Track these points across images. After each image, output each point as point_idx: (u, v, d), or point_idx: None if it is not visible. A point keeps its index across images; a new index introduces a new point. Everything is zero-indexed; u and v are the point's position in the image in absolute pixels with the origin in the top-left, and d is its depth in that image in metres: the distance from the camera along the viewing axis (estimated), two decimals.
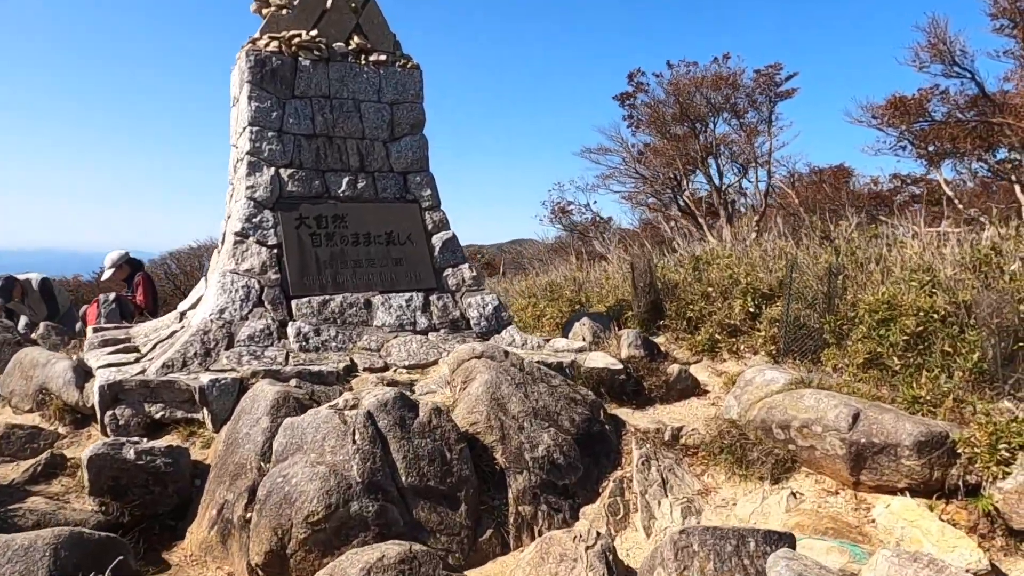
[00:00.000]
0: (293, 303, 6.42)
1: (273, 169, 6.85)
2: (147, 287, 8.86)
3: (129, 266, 9.19)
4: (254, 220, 6.65)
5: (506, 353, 5.76)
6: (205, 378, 5.22)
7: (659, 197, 16.78)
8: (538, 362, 6.19)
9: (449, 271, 7.29)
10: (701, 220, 16.16)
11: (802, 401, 5.30)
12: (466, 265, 7.40)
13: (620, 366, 6.66)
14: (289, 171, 6.89)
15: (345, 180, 7.12)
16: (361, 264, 6.89)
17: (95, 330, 7.59)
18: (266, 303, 6.32)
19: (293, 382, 5.40)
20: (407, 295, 6.90)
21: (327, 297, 6.56)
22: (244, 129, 6.90)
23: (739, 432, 5.63)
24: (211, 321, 6.01)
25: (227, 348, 5.84)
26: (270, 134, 6.89)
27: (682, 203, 17.44)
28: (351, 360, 6.07)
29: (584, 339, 7.81)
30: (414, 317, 6.79)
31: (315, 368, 5.65)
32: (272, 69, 6.95)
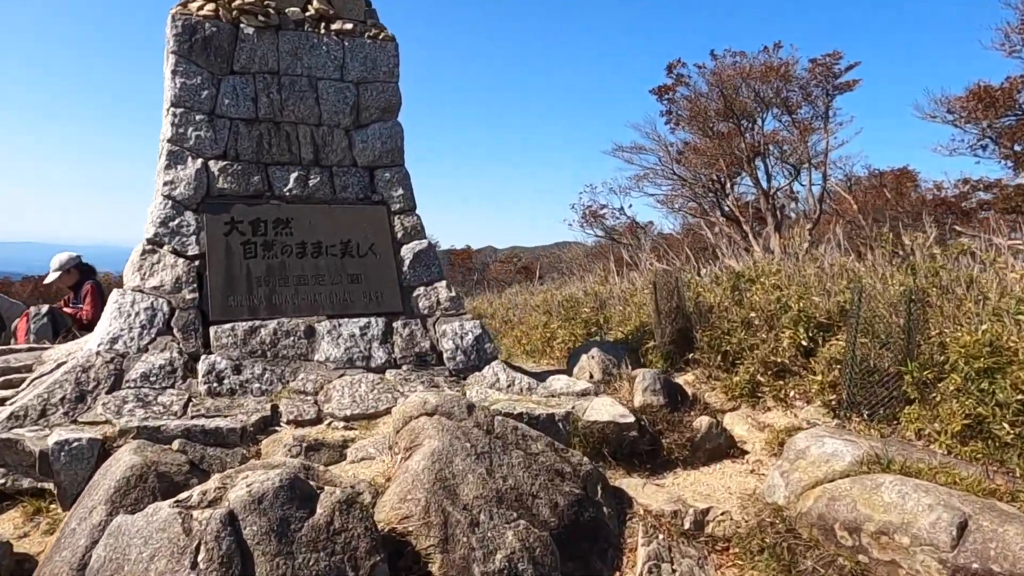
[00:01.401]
0: (212, 331, 5.04)
1: (200, 161, 5.49)
2: (96, 299, 7.61)
3: (78, 271, 7.96)
4: (171, 224, 5.30)
5: (470, 408, 4.28)
6: (52, 438, 3.86)
7: (699, 201, 15.11)
8: (521, 415, 4.72)
9: (421, 291, 5.84)
10: (746, 227, 14.43)
11: (880, 494, 3.71)
12: (442, 284, 5.94)
13: (631, 418, 5.13)
14: (221, 164, 5.53)
15: (293, 176, 5.73)
16: (306, 281, 5.48)
17: (0, 351, 6.35)
18: (175, 330, 4.95)
19: (176, 443, 4.00)
20: (363, 321, 5.47)
21: (257, 323, 5.17)
22: (167, 111, 5.57)
23: (786, 527, 4.07)
24: (96, 354, 4.66)
25: (110, 391, 4.48)
26: (198, 117, 5.54)
27: (726, 208, 15.73)
28: (274, 408, 4.66)
29: (591, 376, 6.29)
30: (369, 350, 5.35)
31: (214, 423, 4.25)
32: (204, 38, 5.60)
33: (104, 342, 4.75)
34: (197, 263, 5.26)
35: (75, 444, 3.83)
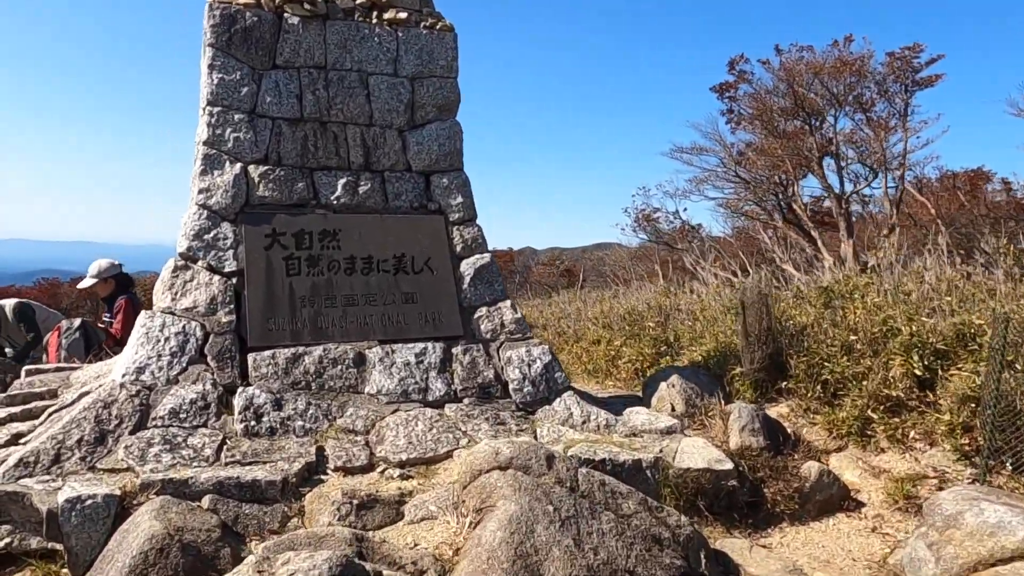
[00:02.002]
0: (251, 359, 4.44)
1: (239, 166, 4.90)
2: (128, 315, 7.11)
3: (115, 282, 7.48)
4: (206, 237, 4.72)
5: (549, 459, 3.60)
6: (63, 494, 3.28)
7: (762, 204, 14.21)
8: (604, 461, 4.03)
9: (483, 312, 5.17)
10: (814, 233, 13.48)
11: None
12: (507, 303, 5.27)
13: (729, 464, 4.41)
14: (262, 169, 4.94)
15: (342, 182, 5.12)
16: (355, 301, 4.86)
17: (27, 372, 5.87)
18: (209, 358, 4.36)
19: (207, 501, 3.40)
20: (418, 347, 4.83)
21: (301, 350, 4.55)
22: (203, 110, 5.00)
23: None
24: (120, 387, 4.09)
25: (134, 430, 3.90)
26: (236, 117, 4.96)
27: (791, 212, 14.78)
28: (319, 451, 4.04)
29: (673, 408, 5.55)
30: (425, 380, 4.70)
31: (251, 474, 3.63)
32: (244, 28, 5.02)
33: (129, 372, 4.18)
34: (234, 281, 4.67)
35: (88, 503, 3.24)
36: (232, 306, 4.57)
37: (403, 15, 5.46)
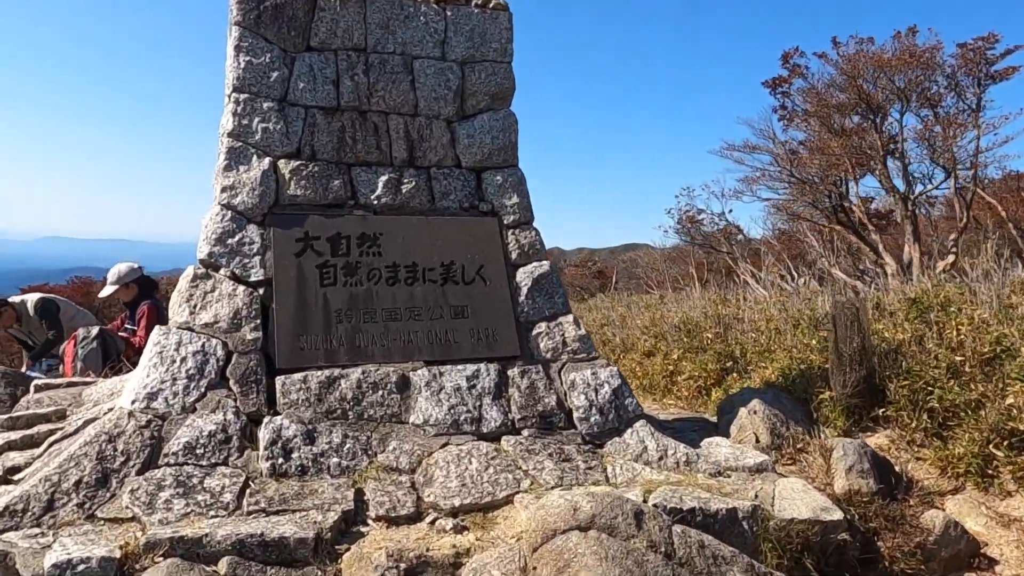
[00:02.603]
0: (279, 383, 3.84)
1: (267, 160, 4.31)
2: (152, 322, 6.59)
3: (137, 286, 6.97)
4: (229, 241, 4.13)
5: (638, 516, 2.95)
6: (51, 556, 2.69)
7: (818, 206, 13.38)
8: (694, 511, 3.37)
9: (542, 328, 4.52)
10: (876, 236, 12.61)
11: None
12: (568, 318, 4.61)
13: (837, 514, 3.71)
14: (293, 164, 4.34)
15: (383, 180, 4.51)
16: (398, 315, 4.24)
17: (36, 387, 5.36)
18: (231, 382, 3.77)
19: (224, 564, 2.79)
20: (470, 369, 4.19)
21: (336, 372, 3.95)
22: (228, 98, 4.42)
23: None
24: (128, 416, 3.51)
25: (143, 469, 3.32)
26: (266, 105, 4.37)
27: (849, 212, 13.91)
28: (358, 494, 3.42)
29: (757, 438, 4.85)
30: (479, 408, 4.06)
31: (279, 529, 3.02)
32: (275, 5, 4.44)
33: (140, 398, 3.60)
34: (261, 292, 4.08)
35: (80, 568, 2.65)
36: (258, 321, 3.98)
37: None
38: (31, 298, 7.49)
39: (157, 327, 3.88)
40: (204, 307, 3.95)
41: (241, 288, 4.04)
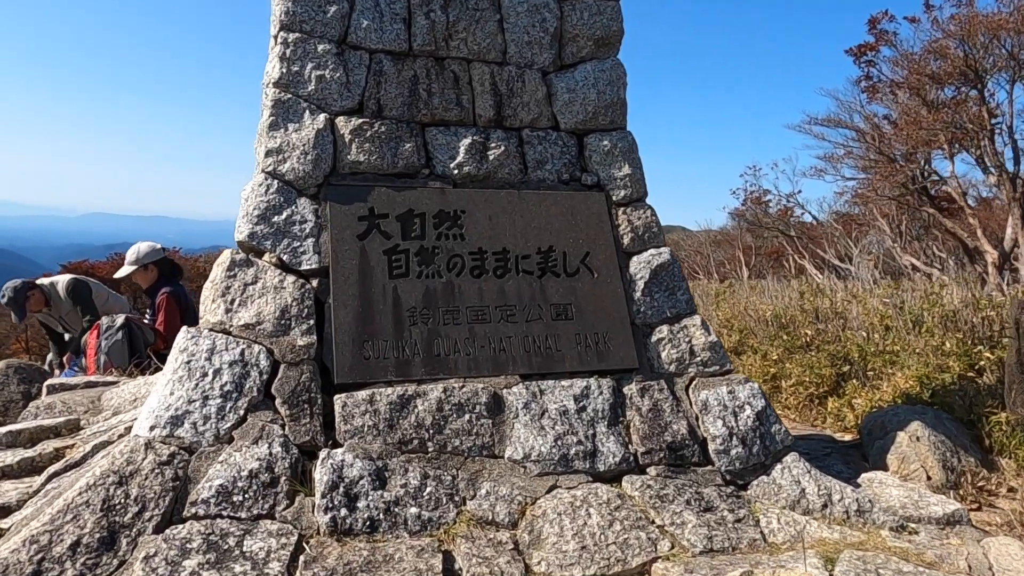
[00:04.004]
0: (338, 403, 2.97)
1: (323, 117, 3.42)
2: (171, 310, 5.80)
3: (157, 269, 6.18)
4: (275, 219, 3.25)
5: None
6: None
7: (907, 186, 12.15)
8: None
9: (664, 332, 3.58)
10: (974, 221, 11.37)
11: None
12: (695, 320, 3.66)
13: None
14: (356, 122, 3.44)
15: (465, 143, 3.58)
16: (487, 316, 3.33)
17: (49, 388, 4.60)
18: (278, 401, 2.91)
19: None
20: (578, 385, 3.28)
21: (411, 389, 3.06)
22: (274, 39, 3.53)
23: None
24: (145, 447, 2.67)
25: (162, 525, 2.47)
26: (321, 48, 3.46)
27: (939, 194, 12.66)
28: (446, 558, 2.54)
29: (928, 475, 3.87)
30: (592, 438, 3.15)
31: None
32: None
33: (160, 424, 2.75)
34: (315, 284, 3.20)
35: None
36: (312, 322, 3.10)
37: None
38: (62, 280, 6.76)
39: (184, 329, 3.02)
40: (244, 303, 3.08)
41: (290, 279, 3.17)
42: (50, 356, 7.33)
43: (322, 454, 2.80)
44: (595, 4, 3.92)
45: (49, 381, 4.69)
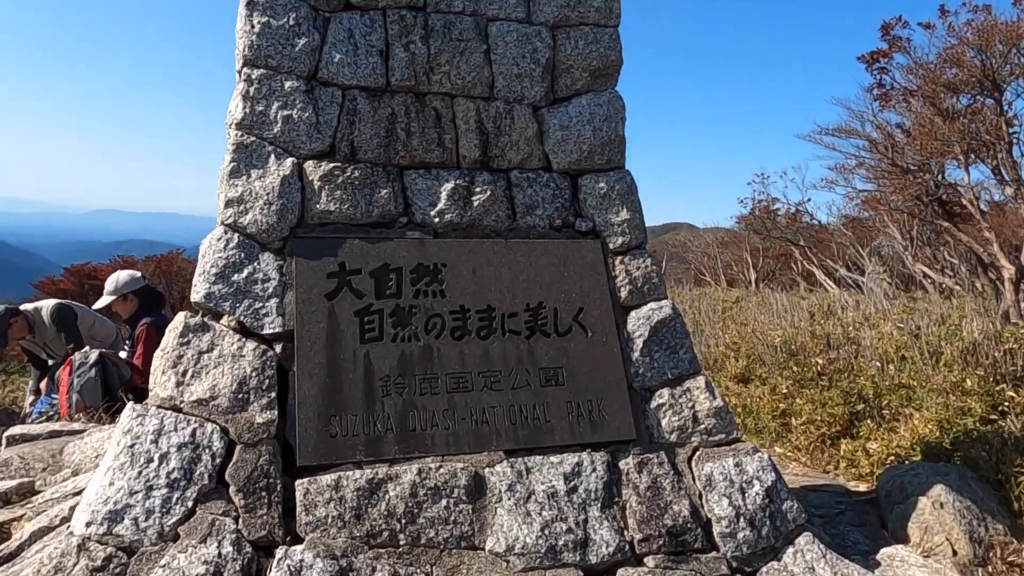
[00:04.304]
0: (300, 488, 2.66)
1: (290, 162, 3.11)
2: (150, 342, 5.51)
3: (137, 299, 5.91)
4: (235, 277, 2.95)
5: None
6: None
7: (921, 198, 11.79)
8: None
9: (664, 397, 3.26)
10: (989, 235, 10.99)
11: None
12: (699, 381, 3.34)
13: None
14: (327, 166, 3.13)
15: (447, 188, 3.27)
16: (468, 384, 3.02)
17: (9, 439, 4.33)
18: (232, 489, 2.60)
19: None
20: (569, 461, 2.96)
21: (382, 472, 2.75)
22: (239, 74, 3.22)
23: None
24: (77, 548, 2.37)
25: None
26: (288, 85, 3.15)
27: (942, 204, 12.28)
28: None
29: (954, 550, 3.53)
30: (584, 524, 2.84)
31: None
32: None
33: (97, 520, 2.45)
34: (278, 349, 2.89)
35: None
36: (272, 395, 2.80)
37: None
38: (46, 305, 6.50)
39: (130, 407, 2.72)
40: (197, 375, 2.78)
41: (250, 345, 2.86)
42: (31, 383, 7.08)
43: (279, 552, 2.49)
44: (591, 32, 3.60)
45: (10, 431, 4.40)
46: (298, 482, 2.67)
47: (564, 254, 3.35)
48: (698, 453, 3.18)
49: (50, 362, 6.46)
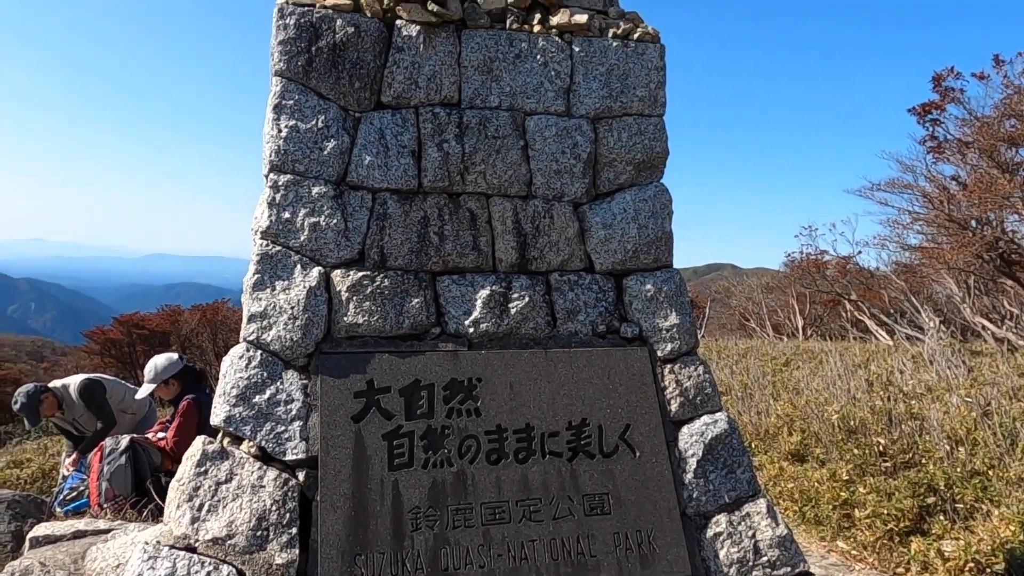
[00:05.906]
0: None
1: (317, 272, 2.94)
2: (187, 419, 5.36)
3: (179, 381, 5.79)
4: (257, 399, 2.77)
5: None
6: None
7: (982, 256, 11.24)
8: None
9: (722, 525, 2.96)
10: None
11: None
12: (760, 505, 3.03)
13: None
14: (355, 276, 2.96)
15: (483, 295, 3.07)
16: (505, 515, 2.77)
17: (33, 541, 4.18)
18: None
19: None
20: None
21: None
22: (265, 178, 3.09)
23: None
24: None
25: None
26: (316, 191, 3.01)
27: (1005, 260, 11.73)
28: None
29: None
30: None
31: None
32: (333, 46, 3.09)
33: None
34: (301, 477, 2.69)
35: None
36: (294, 531, 2.58)
37: (581, 18, 3.38)
38: (73, 381, 6.46)
39: (141, 549, 2.53)
40: (214, 509, 2.59)
41: (271, 474, 2.66)
42: (64, 455, 7.03)
43: None
44: (635, 123, 3.40)
45: (34, 532, 4.25)
46: None
47: (608, 364, 3.10)
48: None
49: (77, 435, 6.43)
